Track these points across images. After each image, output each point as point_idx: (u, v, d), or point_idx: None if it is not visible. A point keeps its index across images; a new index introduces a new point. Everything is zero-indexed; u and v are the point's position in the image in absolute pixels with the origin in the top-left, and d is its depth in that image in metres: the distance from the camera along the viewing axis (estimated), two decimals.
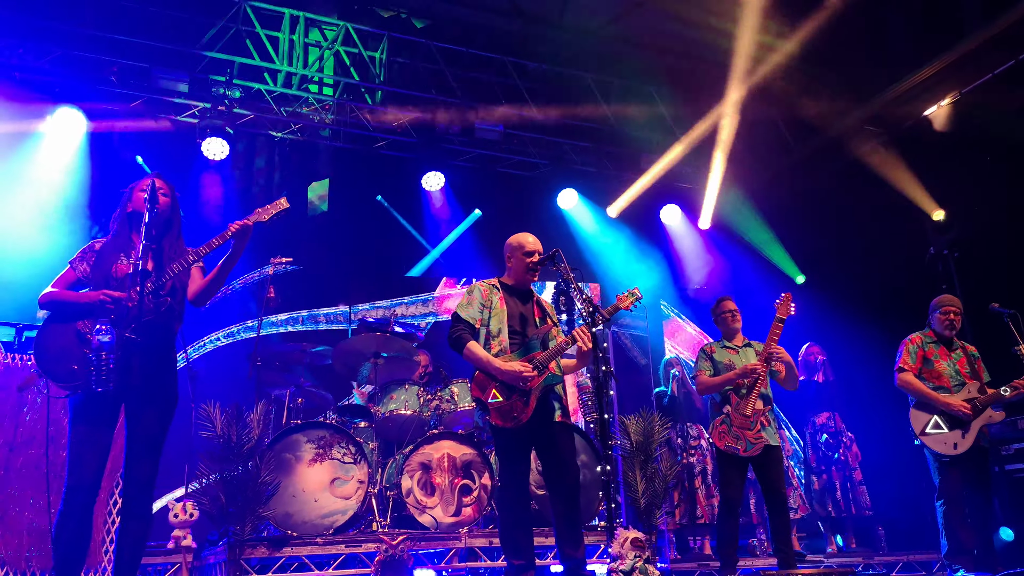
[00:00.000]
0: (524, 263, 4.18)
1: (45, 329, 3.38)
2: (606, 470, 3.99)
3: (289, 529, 4.75)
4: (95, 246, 3.57)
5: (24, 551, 4.06)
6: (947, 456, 4.94)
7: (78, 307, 3.36)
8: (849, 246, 8.41)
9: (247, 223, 3.62)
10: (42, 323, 3.40)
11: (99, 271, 3.45)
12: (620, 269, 9.00)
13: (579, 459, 5.36)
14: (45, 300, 3.43)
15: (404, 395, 5.68)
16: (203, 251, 3.54)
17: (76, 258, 3.53)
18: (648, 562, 3.78)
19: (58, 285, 3.46)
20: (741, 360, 5.03)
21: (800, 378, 7.12)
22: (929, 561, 6.21)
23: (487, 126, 8.04)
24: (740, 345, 5.13)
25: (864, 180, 7.95)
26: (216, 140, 7.31)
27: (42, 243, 6.46)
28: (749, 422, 4.84)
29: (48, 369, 3.29)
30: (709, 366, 5.07)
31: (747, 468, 4.95)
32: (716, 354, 5.10)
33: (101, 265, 3.46)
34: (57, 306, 3.40)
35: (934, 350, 5.17)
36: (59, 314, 3.39)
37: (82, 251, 3.56)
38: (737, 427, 4.84)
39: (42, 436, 4.13)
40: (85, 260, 3.51)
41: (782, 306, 4.94)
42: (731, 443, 4.83)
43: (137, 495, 3.34)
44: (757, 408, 4.85)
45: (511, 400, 3.90)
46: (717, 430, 4.92)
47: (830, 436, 6.78)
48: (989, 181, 7.05)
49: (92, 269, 3.47)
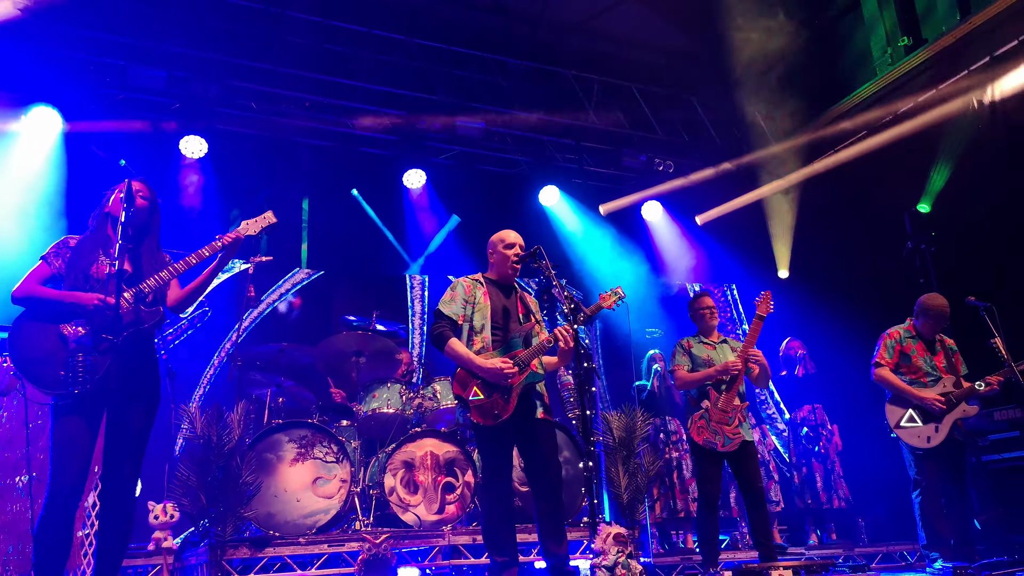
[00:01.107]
0: (506, 256, 4.16)
1: (20, 328, 3.27)
2: (589, 466, 4.00)
3: (271, 529, 4.73)
4: (69, 242, 3.50)
5: (1, 554, 4.01)
6: (921, 449, 5.02)
7: (61, 307, 3.27)
8: (829, 239, 8.48)
9: (235, 237, 3.61)
10: (15, 321, 3.29)
11: (76, 269, 3.39)
12: (602, 266, 9.01)
13: (562, 455, 5.41)
14: (21, 296, 3.32)
15: (386, 393, 5.67)
16: (192, 260, 3.51)
17: (50, 253, 3.45)
18: (631, 557, 3.80)
19: (32, 280, 3.36)
20: (719, 356, 5.07)
21: (781, 373, 7.22)
22: (909, 552, 6.29)
23: (469, 123, 8.02)
24: (717, 341, 5.18)
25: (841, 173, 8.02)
26: (194, 138, 7.25)
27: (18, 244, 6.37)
28: (727, 417, 4.88)
29: (31, 373, 3.20)
30: (687, 360, 5.09)
31: (723, 463, 4.99)
32: (694, 349, 5.12)
33: (78, 263, 3.40)
34: (35, 303, 3.31)
35: (912, 345, 5.23)
36: (37, 313, 3.29)
37: (55, 246, 3.48)
38: (716, 422, 4.88)
39: (19, 438, 4.08)
40: (60, 256, 3.43)
41: (762, 304, 5.00)
42: (709, 437, 4.87)
43: (118, 496, 3.31)
44: (735, 404, 4.90)
45: (492, 398, 3.90)
46: (696, 424, 4.95)
47: (811, 429, 6.85)
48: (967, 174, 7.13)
49: (68, 266, 3.40)
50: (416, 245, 8.90)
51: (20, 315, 3.31)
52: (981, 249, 6.84)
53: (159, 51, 6.92)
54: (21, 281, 3.35)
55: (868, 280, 7.97)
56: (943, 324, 5.26)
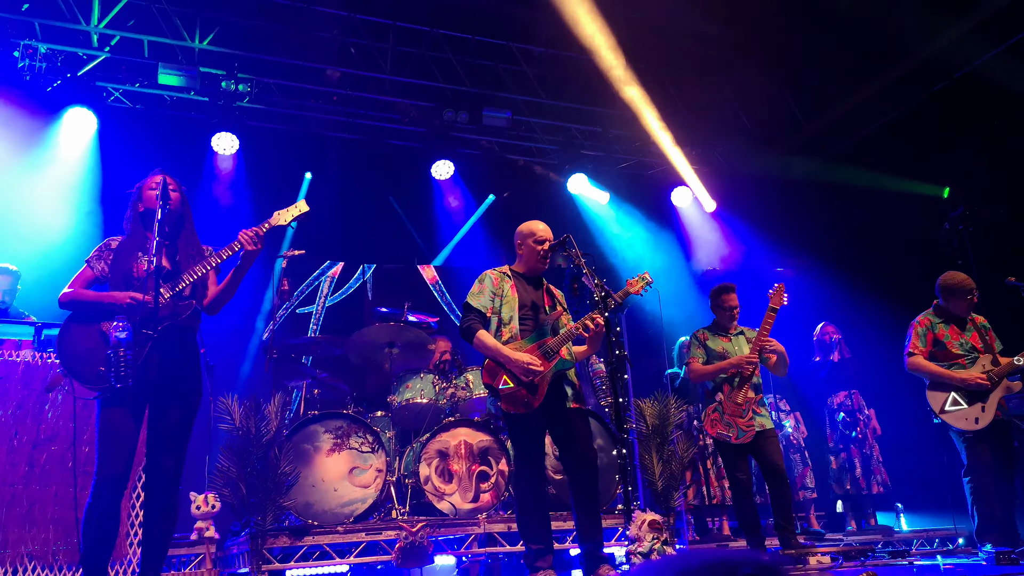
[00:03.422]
0: (535, 251, 4.17)
1: (67, 329, 3.39)
2: (622, 453, 4.01)
3: (310, 518, 4.80)
4: (111, 244, 3.57)
5: (50, 545, 4.13)
6: (970, 432, 4.88)
7: (101, 307, 3.36)
8: (862, 222, 8.34)
9: (270, 227, 3.61)
10: (63, 323, 3.41)
11: (118, 270, 3.46)
12: (632, 254, 8.97)
13: (595, 443, 5.40)
14: (66, 300, 3.43)
15: (420, 384, 5.71)
16: (225, 254, 3.53)
17: (93, 256, 3.54)
18: (666, 544, 3.80)
19: (77, 284, 3.46)
20: (734, 348, 5.03)
21: (815, 359, 7.13)
22: (948, 537, 6.20)
23: (495, 113, 8.01)
24: (733, 333, 5.13)
25: (876, 155, 7.88)
26: (226, 135, 7.34)
27: (56, 243, 6.52)
28: (741, 410, 4.85)
29: (75, 370, 3.31)
30: (702, 353, 5.07)
31: (745, 451, 4.96)
32: (709, 341, 5.09)
33: (120, 264, 3.47)
34: (78, 306, 3.41)
35: (944, 330, 5.09)
36: (81, 314, 3.39)
37: (98, 249, 3.56)
38: (729, 415, 4.86)
39: (65, 432, 4.19)
40: (102, 259, 3.51)
41: (775, 296, 4.94)
42: (722, 431, 4.85)
43: (161, 489, 3.38)
44: (749, 397, 4.87)
45: (521, 386, 3.92)
46: (709, 417, 4.94)
47: (847, 415, 6.77)
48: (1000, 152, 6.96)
49: (111, 268, 3.48)
50: (445, 234, 8.94)
51: (67, 317, 3.41)
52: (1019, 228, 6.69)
53: (188, 49, 7.01)
54: (67, 286, 3.45)
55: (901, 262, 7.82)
56: (971, 299, 5.07)
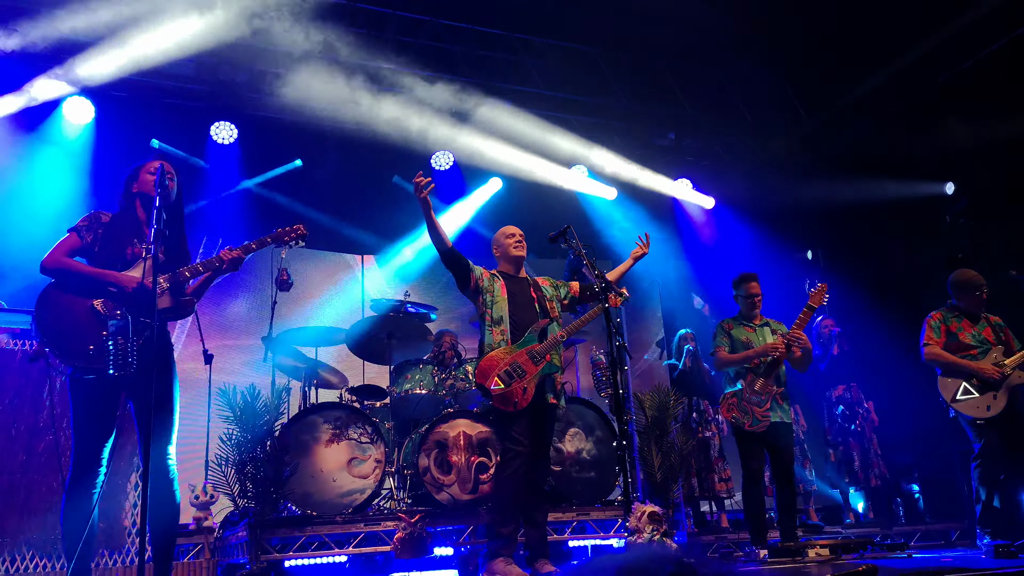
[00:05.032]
0: (508, 243, 4.51)
1: (49, 297, 3.22)
2: (622, 445, 4.04)
3: (308, 509, 4.79)
4: (102, 217, 3.45)
5: (49, 534, 4.12)
6: (981, 419, 4.91)
7: (95, 283, 3.23)
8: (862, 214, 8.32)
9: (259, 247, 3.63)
10: (44, 290, 3.24)
11: (110, 247, 3.36)
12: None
13: (594, 435, 5.47)
14: (53, 267, 3.26)
15: (419, 374, 5.69)
16: (211, 265, 3.48)
17: (81, 226, 3.39)
18: (665, 535, 3.80)
19: (63, 251, 3.31)
20: (758, 338, 5.06)
21: (814, 352, 7.12)
22: (947, 530, 6.21)
23: (494, 103, 7.95)
24: (758, 324, 5.16)
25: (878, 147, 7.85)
26: (225, 124, 7.30)
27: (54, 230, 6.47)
28: (760, 399, 4.86)
29: (55, 343, 3.14)
30: (728, 342, 5.10)
31: (761, 443, 4.95)
32: (734, 331, 5.13)
33: (112, 242, 3.37)
34: (68, 276, 3.26)
35: (957, 323, 5.16)
36: (68, 284, 3.24)
37: (87, 219, 3.42)
38: (747, 402, 4.88)
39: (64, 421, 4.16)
40: (91, 230, 3.38)
41: (816, 295, 4.98)
42: (738, 416, 4.88)
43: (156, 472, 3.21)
44: (771, 388, 4.88)
45: (511, 387, 4.11)
46: (727, 402, 4.97)
47: (846, 408, 6.76)
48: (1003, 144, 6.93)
49: (101, 242, 3.36)
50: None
51: (48, 285, 3.26)
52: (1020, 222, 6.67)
53: None
54: (50, 251, 3.30)
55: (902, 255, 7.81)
56: (982, 293, 5.14)
